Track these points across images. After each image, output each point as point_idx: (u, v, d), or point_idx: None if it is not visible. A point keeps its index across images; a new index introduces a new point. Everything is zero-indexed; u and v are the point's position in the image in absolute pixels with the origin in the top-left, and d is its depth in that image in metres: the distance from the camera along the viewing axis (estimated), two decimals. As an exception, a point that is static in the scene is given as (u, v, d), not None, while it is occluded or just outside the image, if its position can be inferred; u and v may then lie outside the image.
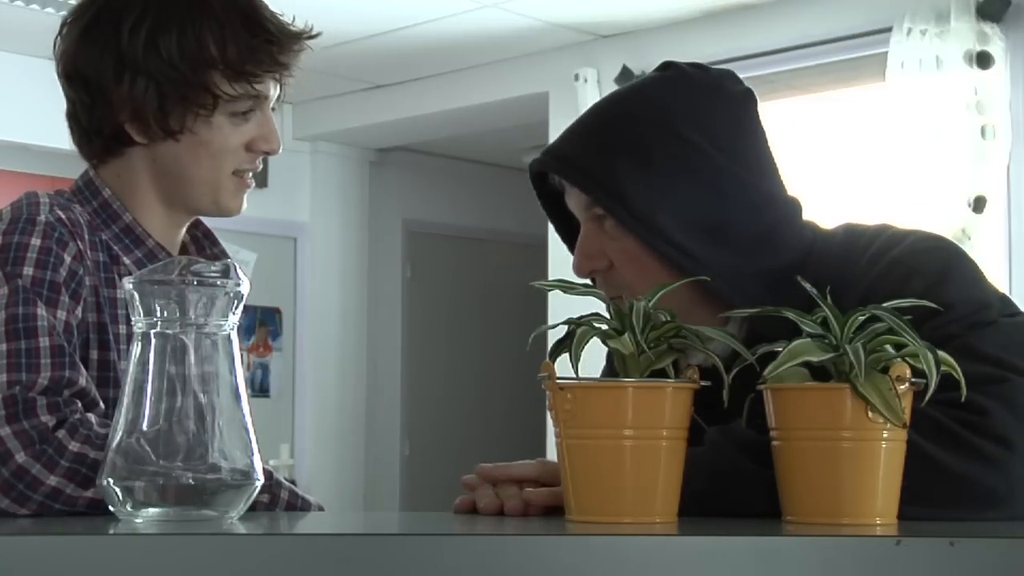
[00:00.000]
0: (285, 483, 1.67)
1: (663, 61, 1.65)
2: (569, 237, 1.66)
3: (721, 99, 1.59)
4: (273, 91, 1.73)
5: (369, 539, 1.15)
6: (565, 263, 1.64)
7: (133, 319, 1.31)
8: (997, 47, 4.59)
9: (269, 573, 1.07)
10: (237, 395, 1.32)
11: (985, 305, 1.45)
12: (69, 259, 1.60)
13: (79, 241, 1.63)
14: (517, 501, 1.43)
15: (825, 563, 1.10)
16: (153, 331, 1.30)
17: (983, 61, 4.59)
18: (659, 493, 1.26)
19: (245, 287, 1.32)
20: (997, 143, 4.57)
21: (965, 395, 1.28)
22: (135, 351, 1.30)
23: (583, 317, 1.30)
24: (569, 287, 1.34)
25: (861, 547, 1.11)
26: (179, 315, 1.30)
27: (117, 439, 1.29)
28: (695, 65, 1.63)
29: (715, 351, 1.30)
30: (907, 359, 1.23)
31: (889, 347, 1.24)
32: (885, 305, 1.26)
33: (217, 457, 1.30)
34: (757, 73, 4.98)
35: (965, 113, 4.58)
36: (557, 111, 5.78)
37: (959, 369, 1.26)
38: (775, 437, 1.27)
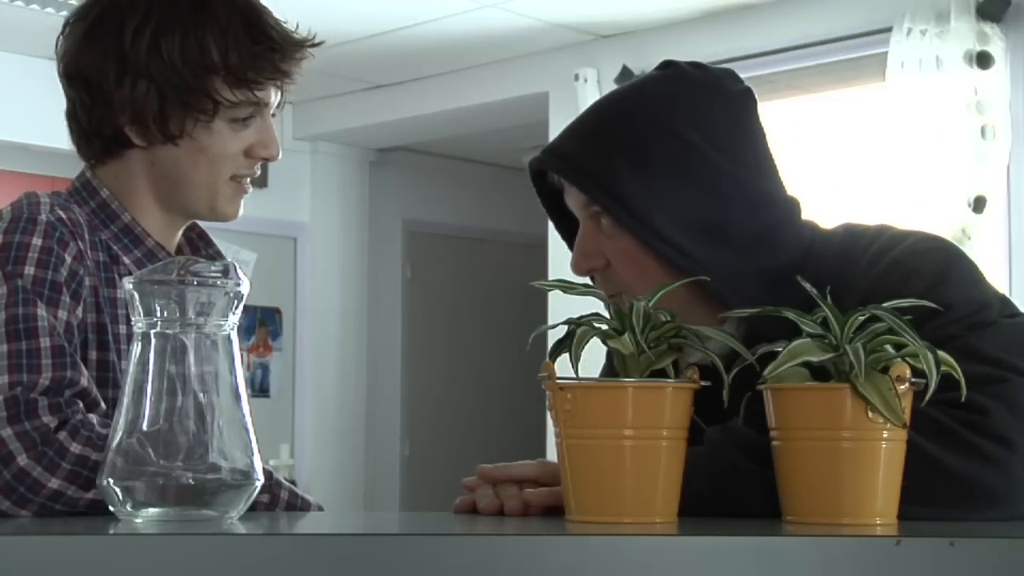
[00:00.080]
0: (285, 483, 1.67)
1: (663, 60, 1.64)
2: (569, 235, 1.66)
3: (721, 98, 1.59)
4: (274, 98, 1.73)
5: (369, 539, 1.15)
6: (565, 263, 1.64)
7: (133, 319, 1.31)
8: (997, 47, 4.59)
9: (269, 573, 1.07)
10: (237, 395, 1.32)
11: (985, 306, 1.45)
12: (70, 259, 1.60)
13: (79, 241, 1.63)
14: (517, 501, 1.42)
15: (825, 563, 1.10)
16: (153, 331, 1.30)
17: (983, 61, 4.59)
18: (659, 493, 1.26)
19: (245, 287, 1.32)
20: (997, 143, 4.57)
21: (965, 395, 1.28)
22: (135, 351, 1.30)
23: (583, 317, 1.30)
24: (569, 287, 1.34)
25: (861, 547, 1.11)
26: (179, 315, 1.30)
27: (117, 439, 1.29)
28: (695, 64, 1.63)
29: (713, 350, 1.30)
30: (907, 359, 1.23)
31: (889, 347, 1.24)
32: (885, 305, 1.26)
33: (217, 457, 1.30)
34: (757, 73, 4.97)
35: (965, 113, 4.58)
36: (557, 111, 5.78)
37: (959, 369, 1.26)
38: (775, 437, 1.27)
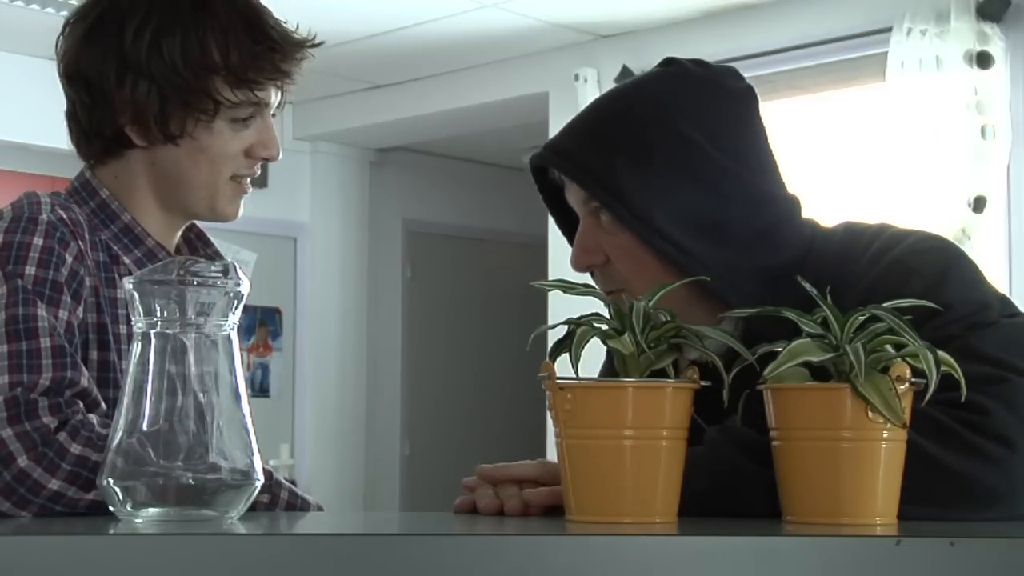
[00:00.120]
0: (285, 483, 1.67)
1: (665, 57, 1.64)
2: (569, 232, 1.65)
3: (722, 96, 1.59)
4: (274, 98, 1.73)
5: (369, 539, 1.15)
6: (565, 263, 1.64)
7: (133, 319, 1.31)
8: (997, 47, 4.59)
9: (269, 573, 1.07)
10: (237, 395, 1.32)
11: (985, 306, 1.45)
12: (71, 259, 1.60)
13: (80, 241, 1.63)
14: (517, 501, 1.42)
15: (825, 563, 1.10)
16: (153, 331, 1.30)
17: (983, 61, 4.59)
18: (659, 493, 1.26)
19: (245, 287, 1.32)
20: (997, 143, 4.57)
21: (965, 395, 1.28)
22: (135, 351, 1.30)
23: (583, 317, 1.30)
24: (569, 287, 1.34)
25: (861, 547, 1.11)
26: (179, 315, 1.30)
27: (117, 439, 1.29)
28: (697, 62, 1.62)
29: (712, 347, 1.30)
30: (907, 359, 1.23)
31: (889, 347, 1.24)
32: (885, 305, 1.26)
33: (217, 457, 1.30)
34: (757, 73, 4.97)
35: (965, 113, 4.58)
36: (557, 111, 5.78)
37: (959, 369, 1.26)
38: (775, 437, 1.27)
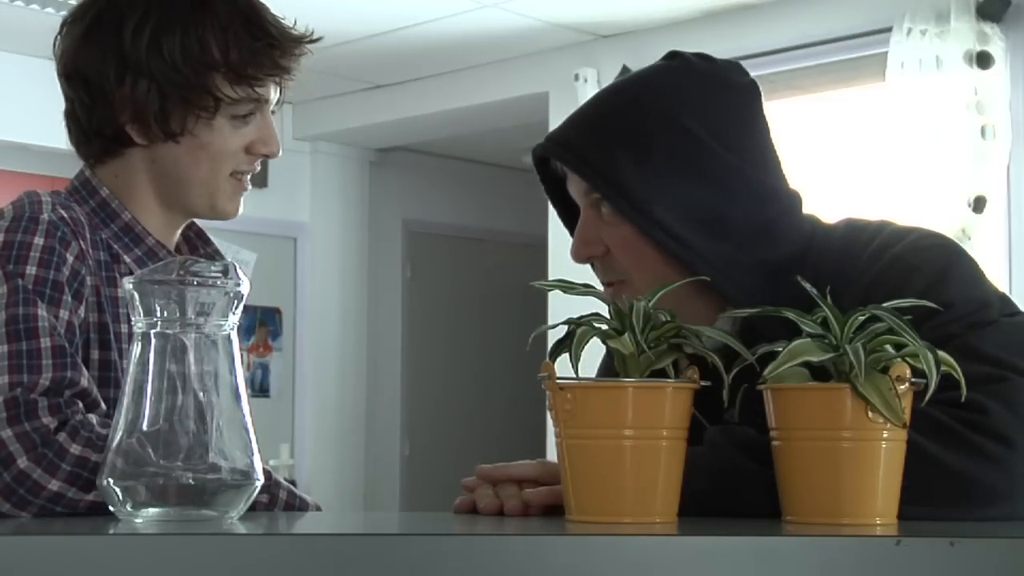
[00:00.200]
0: (284, 483, 1.67)
1: (669, 51, 1.63)
2: (571, 224, 1.65)
3: (726, 90, 1.59)
4: (274, 94, 1.73)
5: (369, 539, 1.15)
6: (565, 263, 1.64)
7: (133, 319, 1.31)
8: (997, 47, 4.59)
9: (269, 573, 1.07)
10: (237, 395, 1.32)
11: (985, 304, 1.45)
12: (72, 258, 1.60)
13: (81, 240, 1.63)
14: (517, 501, 1.42)
15: (825, 563, 1.10)
16: (153, 331, 1.30)
17: (983, 61, 4.59)
18: (659, 493, 1.26)
19: (245, 287, 1.32)
20: (997, 143, 4.57)
21: (965, 394, 1.28)
22: (135, 351, 1.30)
23: (583, 317, 1.30)
24: (569, 287, 1.34)
25: (861, 547, 1.11)
26: (179, 315, 1.30)
27: (117, 439, 1.29)
28: (701, 55, 1.61)
29: (709, 345, 1.30)
30: (907, 359, 1.23)
31: (889, 347, 1.24)
32: (885, 305, 1.25)
33: (217, 457, 1.29)
34: (757, 73, 4.89)
35: (965, 113, 4.58)
36: (557, 111, 5.78)
37: (959, 369, 1.26)
38: (775, 437, 1.27)
